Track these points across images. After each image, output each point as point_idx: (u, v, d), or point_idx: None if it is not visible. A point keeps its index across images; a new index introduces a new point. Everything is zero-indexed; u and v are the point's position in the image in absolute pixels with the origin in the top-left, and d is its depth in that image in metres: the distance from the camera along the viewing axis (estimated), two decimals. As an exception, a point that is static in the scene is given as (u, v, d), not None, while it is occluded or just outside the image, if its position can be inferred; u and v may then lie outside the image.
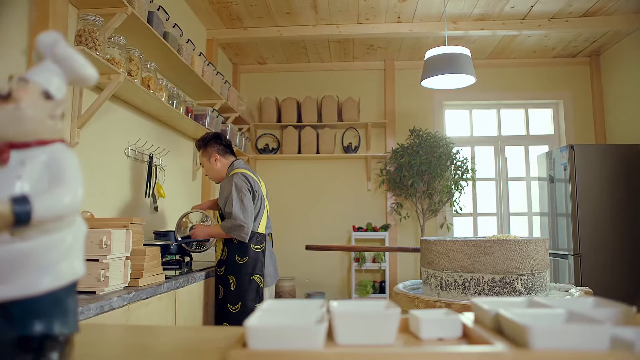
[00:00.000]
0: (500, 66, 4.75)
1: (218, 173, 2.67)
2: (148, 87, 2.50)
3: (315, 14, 3.76)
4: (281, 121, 4.61)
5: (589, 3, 3.59)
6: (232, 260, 2.48)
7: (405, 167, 4.23)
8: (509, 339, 0.56)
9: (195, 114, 3.34)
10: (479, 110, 4.89)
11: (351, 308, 0.66)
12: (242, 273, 2.47)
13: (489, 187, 4.81)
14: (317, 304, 0.68)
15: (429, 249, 2.34)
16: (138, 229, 2.00)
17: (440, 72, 2.79)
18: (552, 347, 0.50)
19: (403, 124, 4.63)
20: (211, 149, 2.64)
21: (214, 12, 3.73)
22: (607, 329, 0.51)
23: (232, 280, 2.47)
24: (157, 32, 2.43)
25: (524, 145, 4.84)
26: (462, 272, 2.19)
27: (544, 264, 2.24)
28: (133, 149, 2.70)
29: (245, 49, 4.49)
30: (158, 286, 1.92)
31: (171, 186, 3.26)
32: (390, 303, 0.66)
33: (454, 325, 0.64)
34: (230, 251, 2.49)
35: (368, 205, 4.57)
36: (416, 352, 0.53)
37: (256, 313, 0.62)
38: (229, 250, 2.49)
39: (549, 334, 0.51)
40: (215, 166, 2.64)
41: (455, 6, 3.67)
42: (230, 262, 2.48)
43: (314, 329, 0.54)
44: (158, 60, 2.74)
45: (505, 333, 0.58)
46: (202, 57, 3.24)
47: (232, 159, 2.70)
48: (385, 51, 4.55)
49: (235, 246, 2.48)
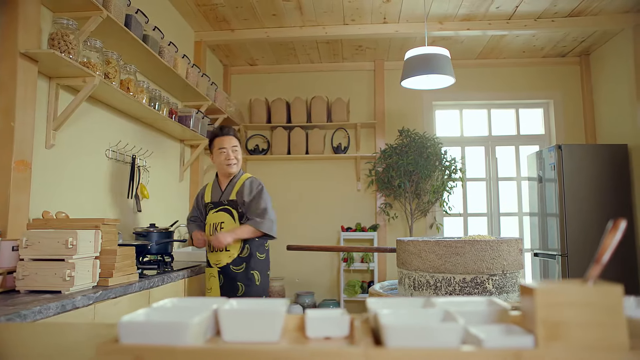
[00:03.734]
0: (490, 66, 4.75)
1: (240, 165, 2.74)
2: (128, 89, 2.53)
3: (301, 15, 3.78)
4: (271, 122, 4.64)
5: (573, 3, 3.58)
6: (255, 257, 2.57)
7: (393, 167, 4.24)
8: (382, 337, 0.58)
9: (180, 115, 3.37)
10: (470, 110, 4.89)
11: (239, 307, 0.68)
12: (264, 269, 2.62)
13: (480, 187, 4.81)
14: (216, 302, 0.70)
15: (402, 249, 2.36)
16: (111, 229, 2.04)
17: (420, 72, 2.80)
18: (406, 345, 0.52)
19: (393, 124, 4.64)
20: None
21: (201, 14, 3.77)
22: (459, 328, 0.53)
23: (257, 276, 2.56)
24: (135, 35, 2.47)
25: (514, 145, 4.83)
26: (433, 272, 2.20)
27: (517, 265, 2.25)
28: (114, 150, 2.73)
29: (234, 51, 4.52)
30: (129, 285, 1.95)
31: (156, 187, 3.29)
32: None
33: (341, 325, 0.66)
34: (252, 248, 2.56)
35: (357, 205, 4.59)
36: (275, 349, 0.55)
37: (145, 309, 0.64)
38: (251, 247, 2.56)
39: (404, 332, 0.53)
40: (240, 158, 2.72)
41: (440, 7, 3.68)
42: (253, 258, 2.56)
43: (182, 325, 0.56)
44: (139, 62, 2.77)
45: (378, 332, 0.60)
46: (185, 59, 3.28)
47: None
48: (374, 52, 4.56)
49: (257, 243, 2.59)
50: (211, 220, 2.61)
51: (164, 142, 3.43)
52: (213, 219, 2.61)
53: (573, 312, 0.50)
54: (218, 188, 2.69)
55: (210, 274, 2.59)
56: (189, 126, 3.37)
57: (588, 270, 0.55)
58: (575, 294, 0.50)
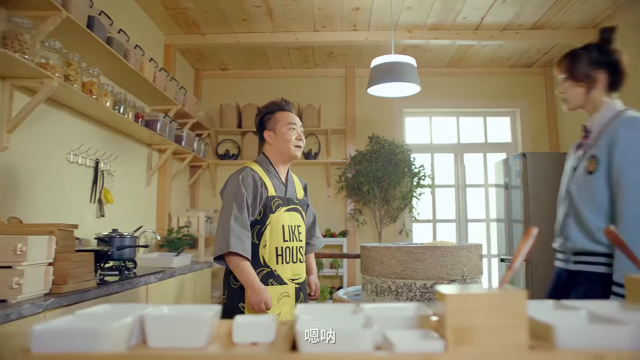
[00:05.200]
0: (459, 75, 4.85)
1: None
2: (90, 92, 2.49)
3: (271, 21, 3.79)
4: (242, 127, 4.62)
5: (535, 17, 3.70)
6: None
7: (363, 173, 4.27)
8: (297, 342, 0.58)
9: (147, 119, 3.32)
10: (439, 118, 4.98)
11: (165, 312, 0.68)
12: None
13: (448, 193, 4.89)
14: (144, 308, 0.69)
15: (365, 255, 2.37)
16: (68, 235, 1.99)
17: (386, 80, 2.84)
18: (320, 351, 0.53)
19: (363, 130, 4.68)
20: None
21: (170, 18, 3.73)
22: (372, 333, 0.54)
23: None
24: (98, 37, 2.43)
25: (482, 153, 4.94)
26: (395, 278, 2.22)
27: (477, 270, 2.29)
28: (76, 154, 2.68)
29: (205, 55, 4.49)
30: (85, 292, 1.91)
31: (121, 192, 3.23)
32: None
33: (267, 330, 0.66)
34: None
35: (328, 211, 4.60)
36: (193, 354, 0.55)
37: (68, 316, 0.63)
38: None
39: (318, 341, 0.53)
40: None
41: (409, 16, 3.74)
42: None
43: (98, 331, 0.55)
44: (103, 65, 2.73)
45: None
46: (153, 62, 3.24)
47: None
48: (345, 59, 4.60)
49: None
50: (285, 221, 2.02)
51: (130, 146, 3.38)
52: (288, 219, 2.03)
53: (481, 317, 0.51)
54: (278, 179, 2.09)
55: (284, 292, 1.99)
56: (156, 130, 3.33)
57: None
58: (483, 300, 0.52)
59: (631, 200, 1.45)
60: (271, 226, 1.98)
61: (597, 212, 1.55)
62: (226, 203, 1.95)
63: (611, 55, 1.64)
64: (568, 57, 1.71)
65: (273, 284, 1.96)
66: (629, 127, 1.51)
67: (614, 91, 1.66)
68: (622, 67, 1.64)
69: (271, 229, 1.98)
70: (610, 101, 1.64)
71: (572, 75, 1.68)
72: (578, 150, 1.71)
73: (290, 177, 2.17)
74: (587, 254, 1.59)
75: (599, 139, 1.59)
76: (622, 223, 1.45)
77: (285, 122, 2.06)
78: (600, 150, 1.56)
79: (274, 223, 1.98)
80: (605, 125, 1.59)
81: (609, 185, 1.53)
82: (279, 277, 1.98)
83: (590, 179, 1.57)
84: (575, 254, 1.64)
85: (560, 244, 1.73)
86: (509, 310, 0.51)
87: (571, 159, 1.76)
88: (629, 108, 1.61)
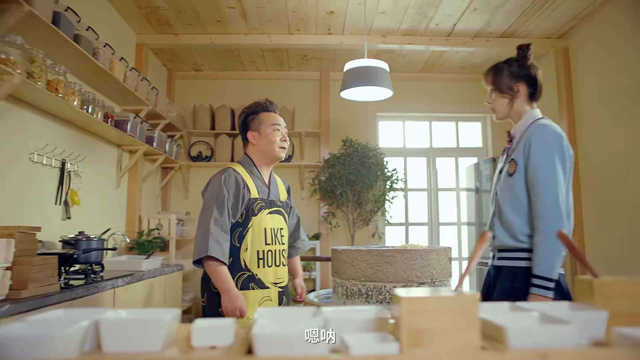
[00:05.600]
0: (432, 80, 4.92)
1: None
2: (56, 90, 2.42)
3: (245, 22, 3.77)
4: (215, 129, 4.58)
5: (505, 25, 3.80)
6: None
7: (336, 176, 4.29)
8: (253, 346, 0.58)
9: (117, 119, 3.25)
10: (412, 122, 5.04)
11: (121, 316, 0.66)
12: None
13: (421, 197, 4.95)
14: (100, 312, 0.67)
15: (336, 258, 2.38)
16: (29, 238, 1.93)
17: (358, 84, 2.86)
18: (275, 354, 0.52)
19: (337, 134, 4.70)
20: None
21: (142, 16, 3.67)
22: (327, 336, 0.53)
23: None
24: (64, 34, 2.36)
25: (454, 157, 5.02)
26: (365, 280, 2.23)
27: (446, 273, 2.33)
28: (41, 154, 2.60)
29: (179, 56, 4.44)
30: (47, 297, 1.85)
31: (89, 193, 3.15)
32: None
33: (226, 334, 0.65)
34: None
35: (301, 214, 4.54)
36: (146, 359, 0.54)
37: (18, 323, 0.61)
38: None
39: (272, 341, 0.53)
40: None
41: (383, 21, 3.78)
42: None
43: (46, 337, 0.53)
44: (70, 63, 2.66)
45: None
46: (123, 62, 3.18)
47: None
48: (319, 62, 4.62)
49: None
50: (268, 223, 1.98)
51: (99, 146, 3.30)
52: (270, 222, 2.00)
53: (435, 319, 0.52)
54: (261, 180, 2.05)
55: (265, 297, 1.96)
56: (126, 131, 3.26)
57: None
58: (437, 303, 0.53)
59: (544, 199, 1.59)
60: (253, 229, 1.95)
61: (517, 211, 1.69)
62: (207, 204, 1.91)
63: (529, 70, 1.79)
64: (492, 70, 1.86)
65: (254, 288, 1.93)
66: (540, 133, 1.66)
67: (534, 101, 1.81)
68: (539, 80, 1.80)
69: (253, 231, 1.94)
70: (531, 111, 1.79)
71: (497, 87, 1.83)
72: (504, 154, 1.86)
73: (274, 178, 2.15)
74: (508, 249, 1.73)
75: (519, 144, 1.73)
76: (537, 220, 1.60)
77: (269, 122, 2.04)
78: (518, 154, 1.71)
79: (256, 226, 1.95)
80: (524, 132, 1.74)
81: (526, 185, 1.68)
82: (260, 281, 1.95)
83: (511, 180, 1.72)
84: (499, 250, 1.79)
85: (490, 242, 1.86)
86: (461, 313, 0.52)
87: (499, 163, 1.91)
88: (544, 117, 1.77)
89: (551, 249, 1.55)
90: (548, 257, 1.56)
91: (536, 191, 1.62)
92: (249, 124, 2.06)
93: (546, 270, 1.55)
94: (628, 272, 3.26)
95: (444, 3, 3.47)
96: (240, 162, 2.07)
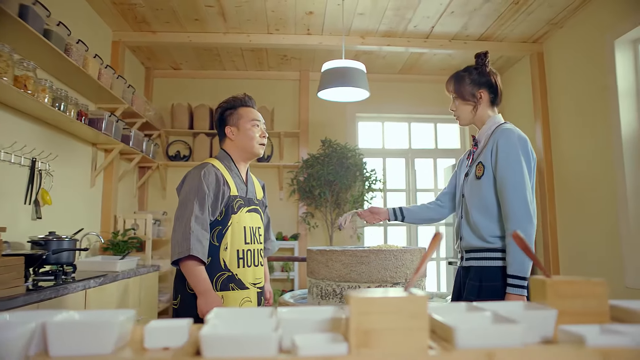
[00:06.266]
0: (411, 81, 4.96)
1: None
2: (25, 87, 2.36)
3: (224, 21, 3.75)
4: (193, 128, 4.54)
5: (482, 28, 3.85)
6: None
7: (314, 177, 4.29)
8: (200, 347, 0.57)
9: (91, 117, 3.19)
10: (391, 123, 5.07)
11: (68, 319, 0.65)
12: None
13: (400, 197, 4.98)
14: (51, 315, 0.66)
15: (311, 258, 2.38)
16: (-5, 238, 1.88)
17: (335, 84, 2.86)
18: (222, 355, 0.52)
19: (317, 134, 4.70)
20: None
21: (118, 13, 3.61)
22: (274, 337, 0.53)
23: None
24: (32, 28, 2.31)
25: (432, 158, 5.07)
26: (339, 281, 2.24)
27: (420, 273, 2.34)
28: (8, 152, 2.53)
29: (157, 54, 4.38)
30: (11, 300, 1.80)
31: (62, 193, 3.09)
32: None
33: (180, 335, 0.64)
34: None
35: (280, 214, 4.58)
36: None
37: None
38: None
39: (219, 342, 0.53)
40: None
41: (362, 22, 3.79)
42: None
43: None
44: (40, 59, 2.61)
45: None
46: (97, 59, 3.12)
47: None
48: (299, 62, 4.61)
49: None
50: (247, 222, 1.95)
51: (73, 145, 3.24)
52: (249, 220, 1.97)
53: (383, 320, 0.52)
54: (240, 177, 2.01)
55: (245, 298, 1.92)
56: (101, 129, 3.21)
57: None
58: (385, 303, 0.53)
59: (513, 200, 1.63)
60: (233, 227, 1.89)
61: (485, 213, 1.73)
62: (185, 201, 1.84)
63: (489, 76, 1.85)
64: (454, 79, 1.91)
65: (234, 289, 1.88)
66: (506, 137, 1.71)
67: (496, 106, 1.88)
68: (499, 86, 1.86)
69: (233, 230, 1.89)
70: (494, 116, 1.85)
71: (460, 94, 1.87)
72: (469, 158, 1.91)
73: (250, 176, 2.11)
74: (476, 250, 1.77)
75: (485, 148, 1.78)
76: (508, 221, 1.64)
77: (249, 118, 2.00)
78: (485, 158, 1.76)
79: (235, 224, 1.90)
80: (489, 137, 1.79)
81: (494, 188, 1.72)
82: (240, 281, 1.90)
83: (479, 183, 1.76)
84: (467, 251, 1.83)
85: (457, 244, 1.92)
86: (410, 314, 0.52)
87: (462, 167, 1.96)
88: (507, 122, 1.83)
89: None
90: (521, 257, 1.59)
91: (505, 193, 1.66)
92: (226, 119, 2.02)
93: (519, 269, 1.60)
94: (601, 270, 3.34)
95: (422, 5, 3.50)
96: (218, 158, 2.02)
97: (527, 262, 1.61)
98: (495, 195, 1.71)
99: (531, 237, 1.61)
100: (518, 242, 0.71)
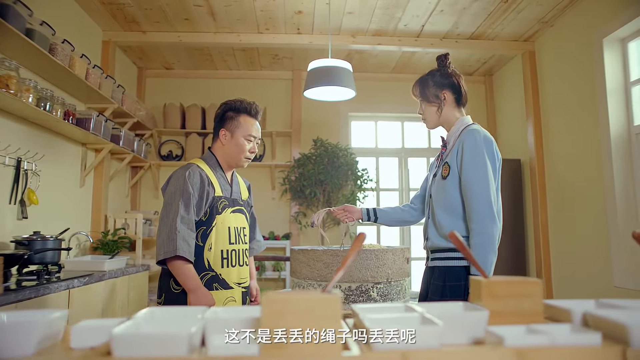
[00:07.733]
0: (403, 80, 4.93)
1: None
2: (7, 86, 2.37)
3: (214, 21, 3.74)
4: (185, 128, 4.54)
5: (472, 27, 3.83)
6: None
7: (305, 176, 4.28)
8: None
9: (79, 117, 3.20)
10: (384, 123, 5.06)
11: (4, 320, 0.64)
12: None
13: (393, 197, 4.97)
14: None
15: (294, 257, 2.37)
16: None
17: (321, 84, 2.86)
18: (133, 355, 0.52)
19: (309, 133, 4.69)
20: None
21: (108, 13, 3.62)
22: (185, 336, 0.53)
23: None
24: (14, 27, 2.31)
25: (425, 157, 5.05)
26: (321, 280, 2.23)
27: (402, 273, 2.33)
28: (-6, 152, 2.54)
29: (148, 54, 4.38)
30: (-12, 299, 1.81)
31: (50, 193, 3.09)
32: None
33: (107, 334, 0.64)
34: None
35: (272, 214, 4.58)
36: None
37: None
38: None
39: (129, 342, 0.52)
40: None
41: (352, 21, 3.79)
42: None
43: None
44: (24, 59, 2.61)
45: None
46: (85, 59, 3.13)
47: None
48: (291, 61, 4.61)
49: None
50: (231, 222, 1.97)
51: (60, 145, 3.24)
52: (234, 221, 1.98)
53: (296, 320, 0.52)
54: (224, 178, 2.04)
55: (229, 297, 1.94)
56: (89, 129, 3.21)
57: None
58: (298, 304, 0.52)
59: (477, 200, 1.65)
60: (217, 228, 1.91)
61: (449, 212, 1.75)
62: (171, 201, 1.85)
63: (451, 77, 1.88)
64: (418, 83, 1.95)
65: (218, 289, 1.90)
66: (472, 138, 1.73)
67: (462, 107, 1.89)
68: (463, 86, 1.88)
69: (217, 230, 1.91)
70: (462, 117, 1.87)
71: (424, 97, 1.92)
72: (439, 159, 1.92)
73: (235, 177, 2.13)
74: (440, 250, 1.79)
75: (452, 148, 1.80)
76: (472, 221, 1.65)
77: (246, 132, 1.98)
78: (451, 158, 1.78)
79: (220, 225, 1.92)
80: (457, 137, 1.81)
81: (459, 188, 1.73)
82: (224, 281, 1.92)
83: (444, 183, 1.78)
84: (432, 251, 1.86)
85: (424, 244, 1.95)
86: (323, 314, 0.52)
87: (432, 168, 1.97)
88: (474, 123, 1.85)
89: (486, 248, 1.58)
90: (484, 257, 1.59)
91: (469, 193, 1.67)
92: (226, 120, 2.00)
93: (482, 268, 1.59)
94: (591, 269, 3.32)
95: (411, 4, 3.49)
96: (204, 159, 2.03)
97: (491, 261, 1.61)
98: (460, 196, 1.72)
99: (493, 236, 1.62)
100: (454, 241, 0.71)
